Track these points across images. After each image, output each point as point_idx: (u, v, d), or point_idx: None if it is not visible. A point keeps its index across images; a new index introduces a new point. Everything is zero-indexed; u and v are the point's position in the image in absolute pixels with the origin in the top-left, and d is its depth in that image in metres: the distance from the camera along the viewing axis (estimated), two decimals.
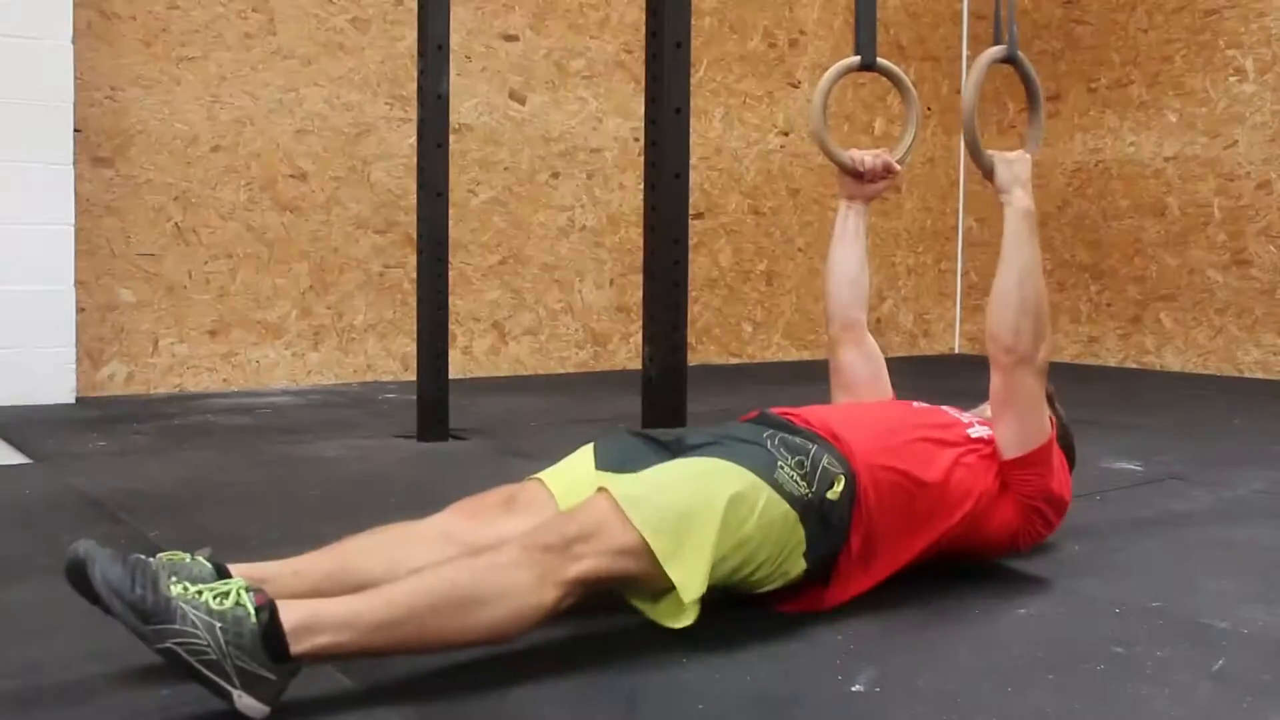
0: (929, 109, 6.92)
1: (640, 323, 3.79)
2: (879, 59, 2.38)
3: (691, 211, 5.33)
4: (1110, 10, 6.47)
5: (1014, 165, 2.03)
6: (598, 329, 5.85)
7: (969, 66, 6.90)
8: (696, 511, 1.67)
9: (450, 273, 3.76)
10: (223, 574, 1.57)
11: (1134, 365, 6.37)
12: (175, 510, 2.62)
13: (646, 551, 1.62)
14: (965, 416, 2.13)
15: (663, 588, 1.68)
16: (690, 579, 1.64)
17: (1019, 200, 2.01)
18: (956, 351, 7.19)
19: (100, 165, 4.58)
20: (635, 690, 1.56)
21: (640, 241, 4.18)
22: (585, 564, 1.58)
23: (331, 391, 4.87)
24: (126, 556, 1.42)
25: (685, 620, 1.67)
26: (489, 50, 5.47)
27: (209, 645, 1.36)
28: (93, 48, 4.54)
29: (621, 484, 1.70)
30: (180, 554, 1.60)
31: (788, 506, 1.75)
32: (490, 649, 1.66)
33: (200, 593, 1.40)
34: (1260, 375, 5.85)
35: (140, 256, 4.69)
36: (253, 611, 1.39)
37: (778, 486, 1.76)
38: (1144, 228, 6.32)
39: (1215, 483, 3.07)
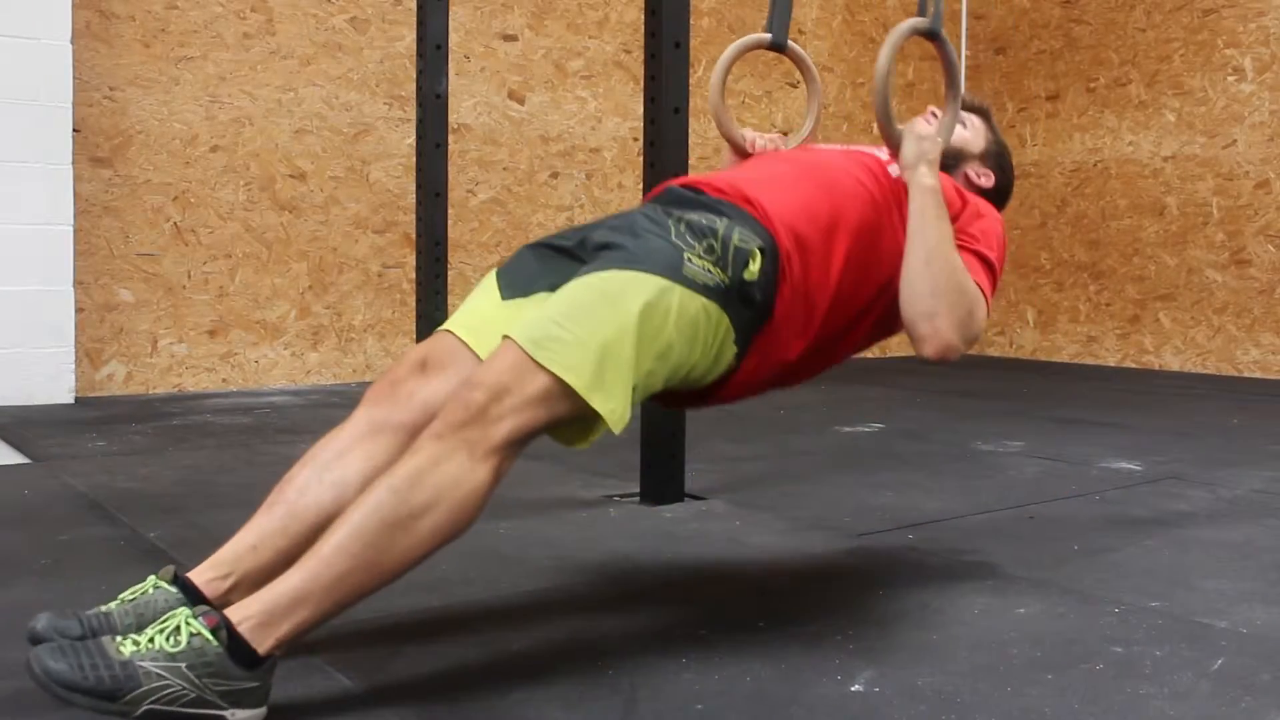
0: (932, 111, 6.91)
1: None
2: (790, 42, 2.33)
3: None
4: (1109, 10, 6.47)
5: (923, 142, 1.90)
6: None
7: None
8: (608, 336, 1.55)
9: (449, 273, 3.77)
10: (187, 588, 1.55)
11: (1133, 365, 6.37)
12: (174, 510, 2.62)
13: (565, 391, 1.52)
14: (885, 153, 2.00)
15: (592, 416, 1.57)
16: (615, 406, 1.55)
17: (923, 178, 1.86)
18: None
19: (99, 165, 4.58)
20: (635, 690, 1.56)
21: None
22: (507, 424, 1.49)
23: (330, 391, 4.87)
24: (63, 645, 1.35)
25: (615, 431, 1.58)
26: (488, 50, 5.47)
27: (184, 687, 1.33)
28: (91, 48, 4.54)
29: (524, 324, 1.57)
30: (141, 585, 1.57)
31: (704, 300, 1.64)
32: (489, 647, 1.66)
33: (151, 640, 1.36)
34: (1259, 375, 5.86)
35: (139, 256, 4.69)
36: (209, 635, 1.35)
37: (689, 282, 1.63)
38: (1143, 227, 6.32)
39: (1214, 482, 3.07)
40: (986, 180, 2.16)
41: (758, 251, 1.71)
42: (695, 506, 2.72)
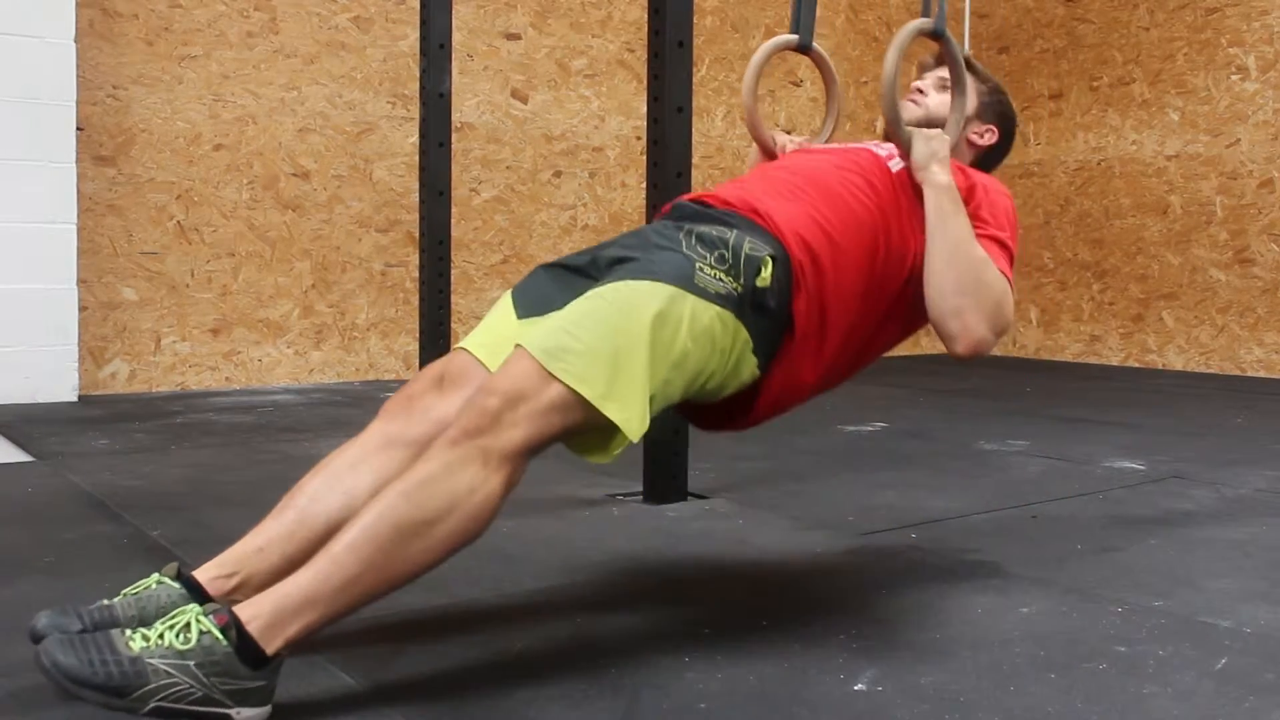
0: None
1: None
2: (814, 45, 2.34)
3: None
4: (1112, 9, 6.47)
5: (932, 142, 1.93)
6: None
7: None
8: (620, 345, 1.56)
9: (452, 271, 3.77)
10: (191, 586, 1.55)
11: (1136, 364, 6.37)
12: (177, 508, 2.62)
13: (579, 401, 1.52)
14: (883, 150, 2.01)
15: (608, 426, 1.58)
16: (630, 415, 1.55)
17: (936, 176, 1.89)
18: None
19: (102, 164, 4.58)
20: (638, 689, 1.56)
21: None
22: (521, 431, 1.49)
23: (333, 390, 4.87)
24: (73, 638, 1.36)
25: (634, 439, 1.58)
26: (491, 49, 5.47)
27: (192, 685, 1.34)
28: (95, 46, 4.54)
29: (537, 335, 1.58)
30: (144, 581, 1.58)
31: (717, 308, 1.65)
32: (492, 646, 1.66)
33: (161, 636, 1.36)
34: (1263, 374, 5.85)
35: (142, 255, 4.69)
36: (218, 634, 1.35)
37: (701, 292, 1.64)
38: (1146, 226, 6.32)
39: (1217, 482, 3.07)
40: (990, 136, 2.15)
41: (769, 259, 1.72)
42: (698, 505, 2.72)
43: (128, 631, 1.38)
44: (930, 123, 2.08)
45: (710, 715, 1.48)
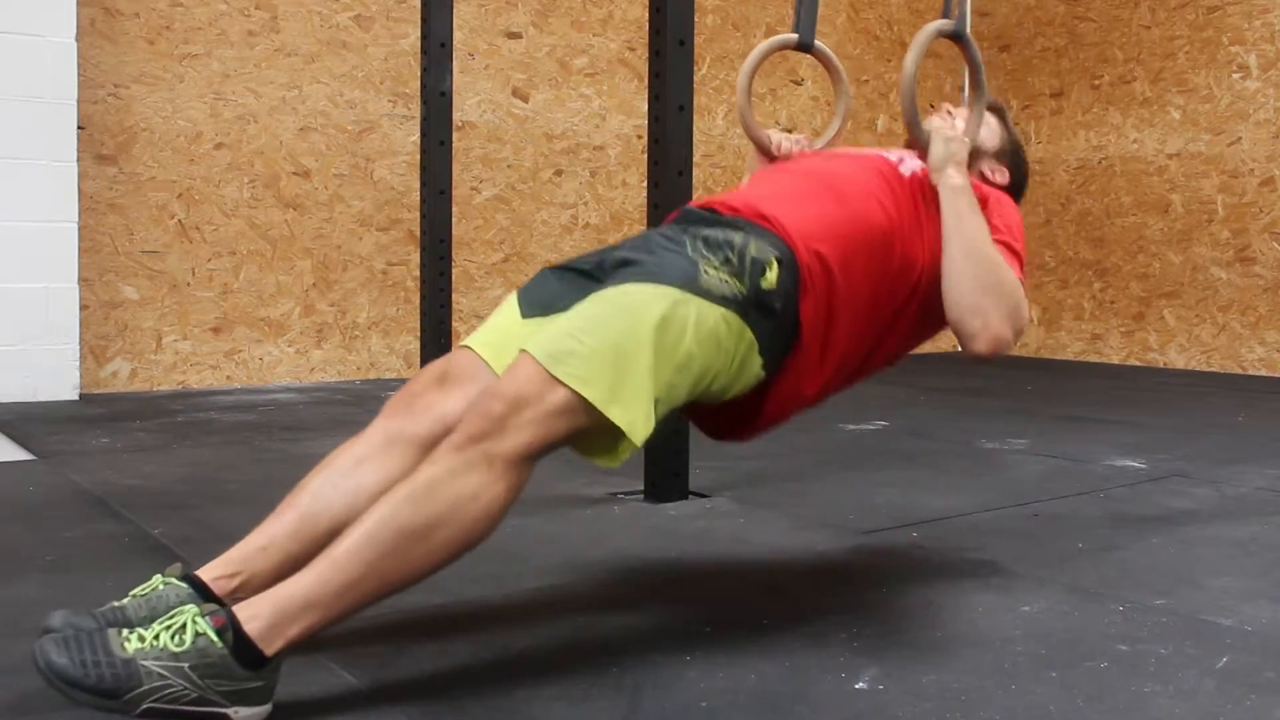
0: (931, 105, 6.91)
1: None
2: (817, 43, 2.32)
3: None
4: (1113, 7, 6.46)
5: (951, 144, 1.93)
6: None
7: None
8: (624, 348, 1.55)
9: (453, 270, 3.77)
10: (196, 585, 1.55)
11: (1137, 363, 6.36)
12: (178, 507, 2.62)
13: (583, 404, 1.51)
14: (894, 155, 2.00)
15: (613, 430, 1.56)
16: (634, 418, 1.54)
17: (952, 178, 1.89)
18: (959, 349, 7.18)
19: (104, 162, 4.58)
20: (639, 688, 1.56)
21: None
22: (524, 436, 1.48)
23: (334, 389, 4.87)
24: (68, 637, 1.36)
25: (637, 443, 1.57)
26: (492, 47, 5.47)
27: (185, 687, 1.33)
28: (96, 45, 4.54)
29: (541, 339, 1.57)
30: (150, 582, 1.58)
31: (722, 310, 1.65)
32: (493, 645, 1.66)
33: (157, 637, 1.35)
34: (1264, 373, 5.85)
35: (143, 254, 4.69)
36: (214, 637, 1.35)
37: (706, 294, 1.64)
38: (1147, 225, 6.32)
39: (1219, 480, 3.07)
40: (1001, 177, 2.17)
41: (774, 261, 1.71)
42: (699, 504, 2.72)
43: (124, 631, 1.37)
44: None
45: (712, 714, 1.48)
